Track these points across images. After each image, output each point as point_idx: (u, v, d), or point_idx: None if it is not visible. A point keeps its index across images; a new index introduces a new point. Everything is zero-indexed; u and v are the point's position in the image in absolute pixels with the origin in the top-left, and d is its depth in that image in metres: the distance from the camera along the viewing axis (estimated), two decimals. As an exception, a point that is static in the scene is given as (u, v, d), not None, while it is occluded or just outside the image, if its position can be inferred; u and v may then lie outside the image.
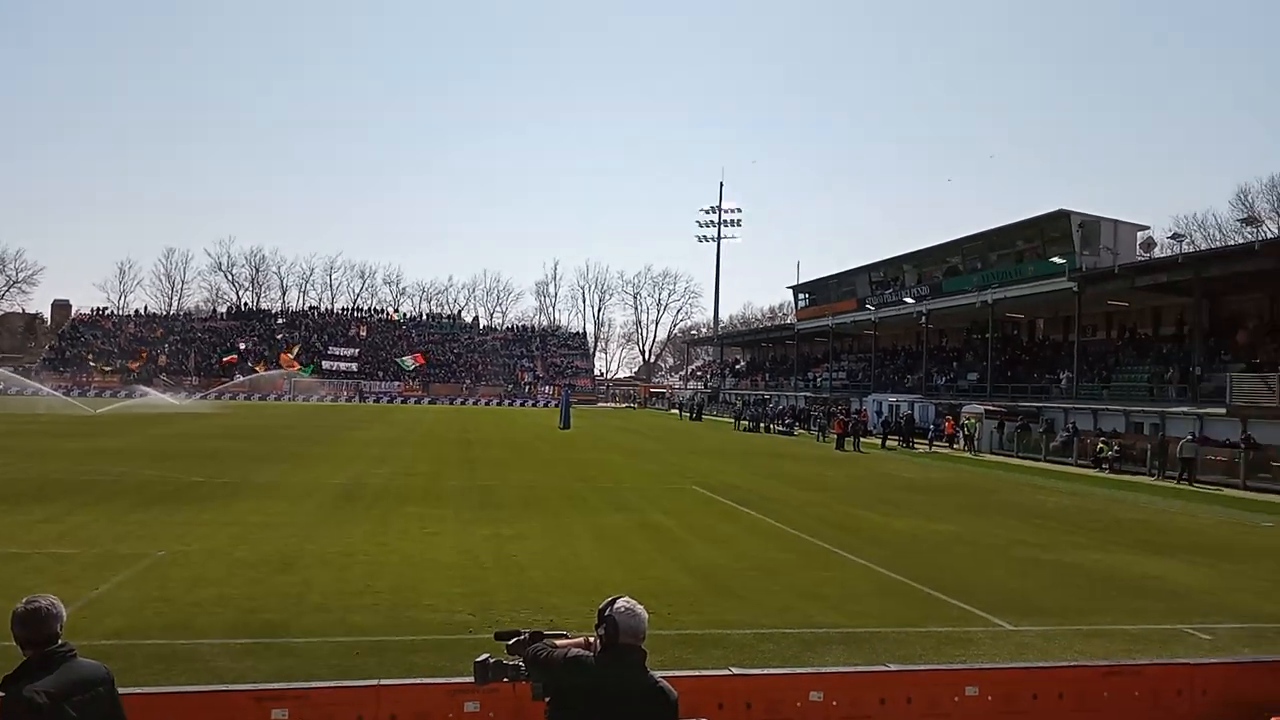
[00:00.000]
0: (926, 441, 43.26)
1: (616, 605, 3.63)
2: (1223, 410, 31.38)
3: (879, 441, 43.94)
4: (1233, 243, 48.94)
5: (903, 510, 19.63)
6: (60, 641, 3.56)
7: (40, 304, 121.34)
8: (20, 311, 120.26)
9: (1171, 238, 46.50)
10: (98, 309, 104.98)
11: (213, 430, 38.30)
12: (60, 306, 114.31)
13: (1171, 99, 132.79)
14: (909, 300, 56.54)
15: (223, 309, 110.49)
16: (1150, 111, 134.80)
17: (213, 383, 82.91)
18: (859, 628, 9.55)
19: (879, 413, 49.95)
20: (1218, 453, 29.51)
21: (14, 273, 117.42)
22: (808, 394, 66.29)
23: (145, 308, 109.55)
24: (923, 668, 7.02)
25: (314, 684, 6.08)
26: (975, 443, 40.27)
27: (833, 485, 24.49)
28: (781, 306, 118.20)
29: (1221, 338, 38.49)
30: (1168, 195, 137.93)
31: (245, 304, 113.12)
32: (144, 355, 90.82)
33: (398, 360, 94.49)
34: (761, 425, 55.19)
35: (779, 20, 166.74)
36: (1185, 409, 33.67)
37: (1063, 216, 43.90)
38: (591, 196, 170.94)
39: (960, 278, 52.58)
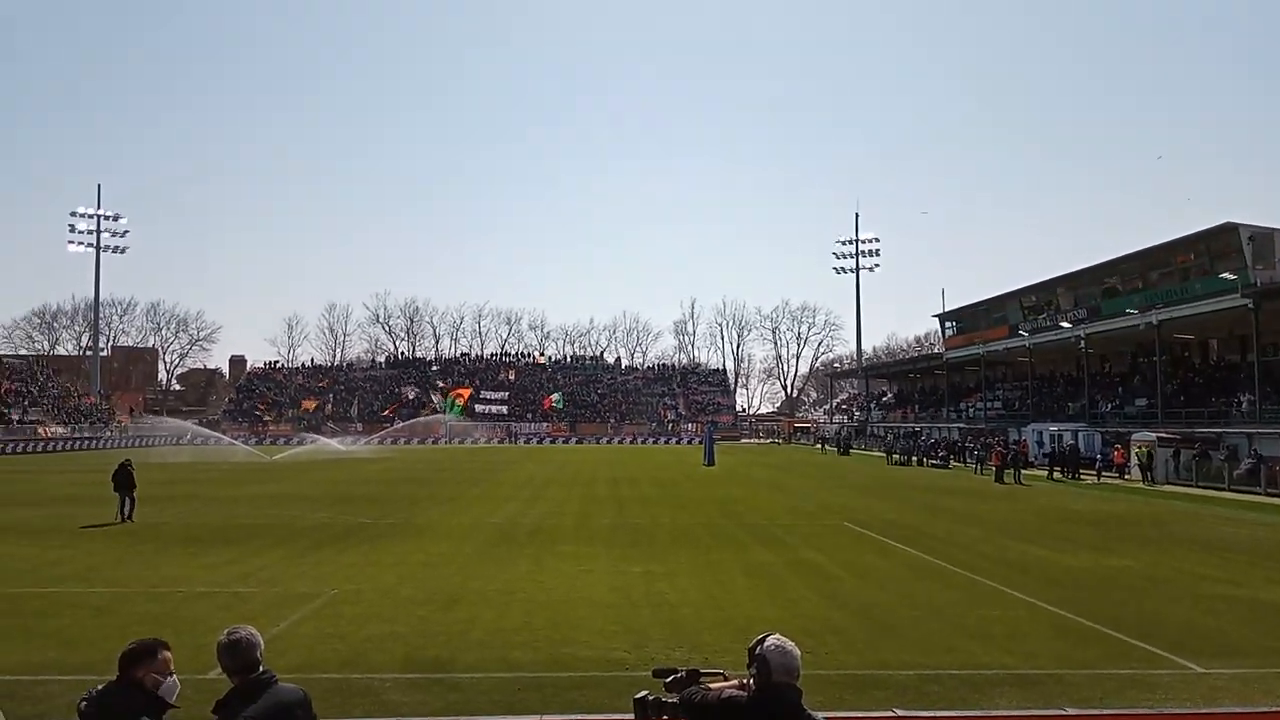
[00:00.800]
0: (1094, 472, 40.79)
1: (767, 643, 3.57)
2: None
3: (1043, 473, 41.73)
4: None
5: (1073, 545, 18.54)
6: (262, 668, 3.86)
7: (219, 360, 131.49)
8: (202, 368, 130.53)
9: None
10: (270, 363, 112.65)
11: (377, 474, 40.22)
12: (237, 362, 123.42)
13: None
14: (1065, 325, 53.81)
15: (381, 358, 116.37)
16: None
17: (375, 428, 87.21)
18: (1031, 669, 9.06)
19: (1040, 443, 47.50)
20: None
21: (195, 332, 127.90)
22: (961, 425, 63.80)
23: (312, 360, 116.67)
24: (1106, 712, 6.61)
25: (480, 718, 6.28)
26: (1150, 472, 37.69)
27: (994, 520, 23.40)
28: (928, 335, 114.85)
29: None
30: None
31: (402, 353, 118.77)
32: (312, 405, 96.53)
33: (553, 401, 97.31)
34: (914, 459, 53.46)
35: (911, 40, 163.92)
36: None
37: (1230, 230, 40.99)
38: (726, 233, 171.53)
39: (1120, 299, 49.74)
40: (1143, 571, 15.32)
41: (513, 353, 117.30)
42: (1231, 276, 40.04)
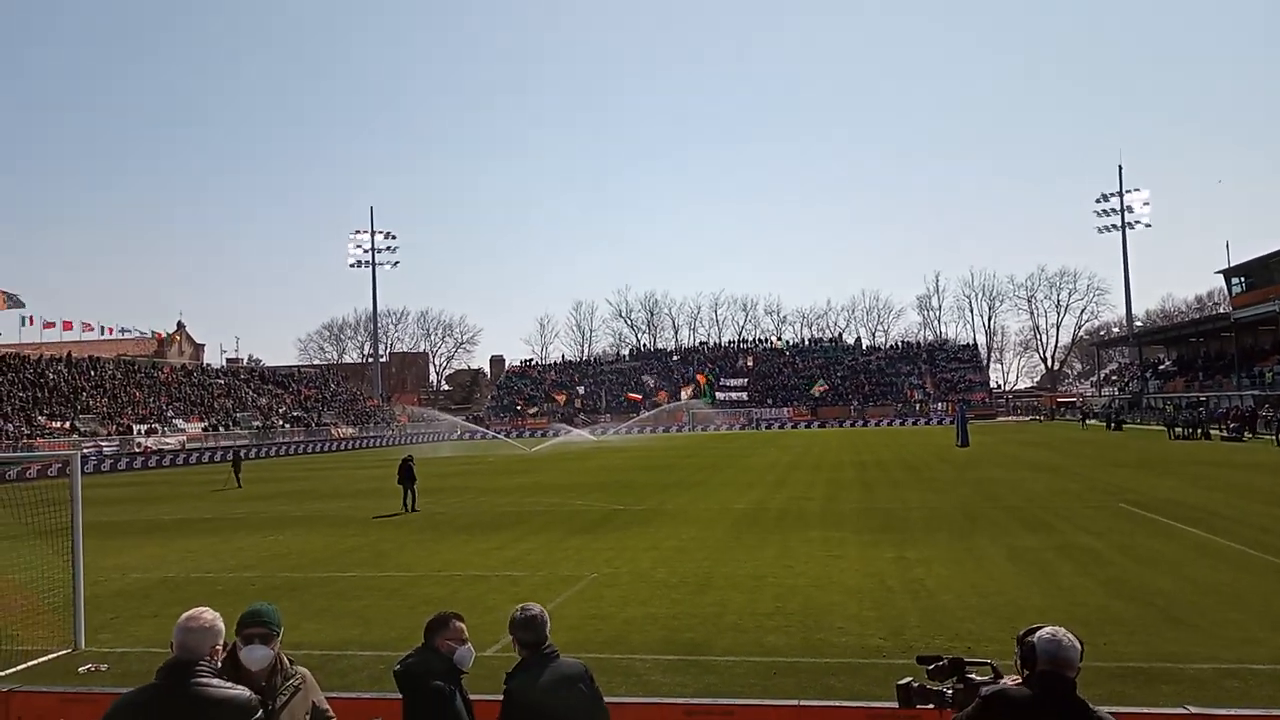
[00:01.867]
0: None
1: (1039, 633, 3.46)
2: None
3: (1361, 444, 36.41)
4: None
5: (1405, 526, 16.07)
6: (548, 643, 4.28)
7: (481, 360, 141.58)
8: (467, 368, 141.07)
9: None
10: (525, 361, 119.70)
11: (626, 463, 41.74)
12: (496, 361, 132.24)
13: None
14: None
15: (625, 351, 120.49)
16: None
17: (622, 418, 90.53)
18: (1355, 667, 7.98)
19: (1358, 409, 41.45)
20: None
21: (460, 336, 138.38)
22: (1256, 392, 56.86)
23: (563, 356, 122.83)
24: None
25: (738, 701, 6.40)
26: None
27: (1301, 498, 20.69)
28: (1211, 294, 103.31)
29: None
30: None
31: (644, 345, 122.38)
32: (563, 398, 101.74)
33: (808, 391, 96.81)
34: (1200, 431, 48.32)
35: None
36: None
37: None
38: (971, 199, 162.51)
39: None
40: None
41: (750, 339, 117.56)
42: None
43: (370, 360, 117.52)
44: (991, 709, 3.41)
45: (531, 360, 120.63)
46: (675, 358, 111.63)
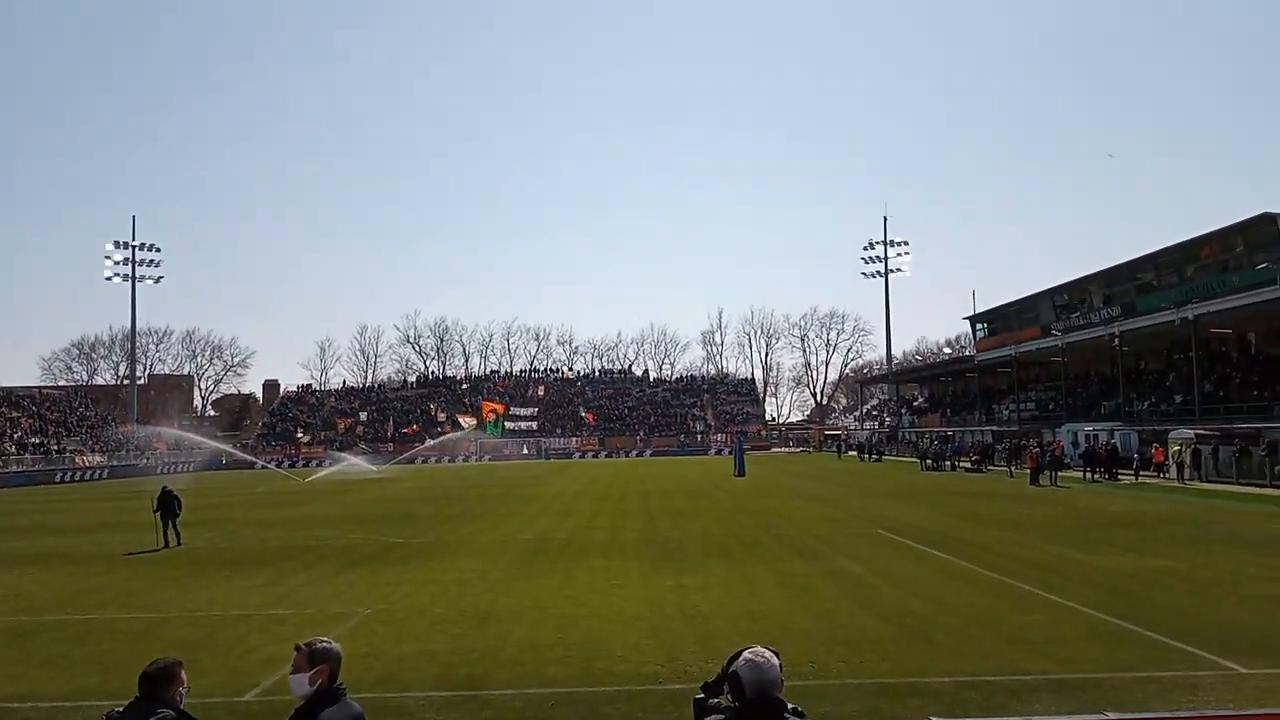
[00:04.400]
0: (1131, 472, 40.16)
1: (740, 659, 3.45)
2: None
3: (1079, 474, 41.14)
4: None
5: (1112, 547, 18.25)
6: (339, 681, 4.08)
7: (253, 384, 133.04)
8: (236, 393, 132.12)
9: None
10: (303, 386, 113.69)
11: (408, 493, 40.45)
12: (270, 386, 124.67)
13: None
14: (1098, 323, 53.13)
15: (412, 378, 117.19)
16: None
17: (407, 447, 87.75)
18: (1071, 674, 8.91)
19: (1075, 444, 46.87)
20: None
21: (229, 358, 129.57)
22: (994, 428, 63.13)
23: (344, 382, 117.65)
24: (1147, 716, 6.48)
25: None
26: (1185, 470, 37.06)
27: (1031, 523, 23.08)
28: (959, 338, 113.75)
29: None
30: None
31: (432, 373, 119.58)
32: (344, 426, 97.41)
33: (580, 412, 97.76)
34: (947, 463, 52.95)
35: (932, 42, 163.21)
36: None
37: (1268, 220, 40.33)
38: (752, 241, 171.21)
39: (1155, 294, 49.04)
40: (1184, 572, 15.05)
41: (542, 369, 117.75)
42: (1271, 267, 39.37)
43: (126, 382, 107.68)
44: None
45: (310, 386, 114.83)
46: (465, 386, 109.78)
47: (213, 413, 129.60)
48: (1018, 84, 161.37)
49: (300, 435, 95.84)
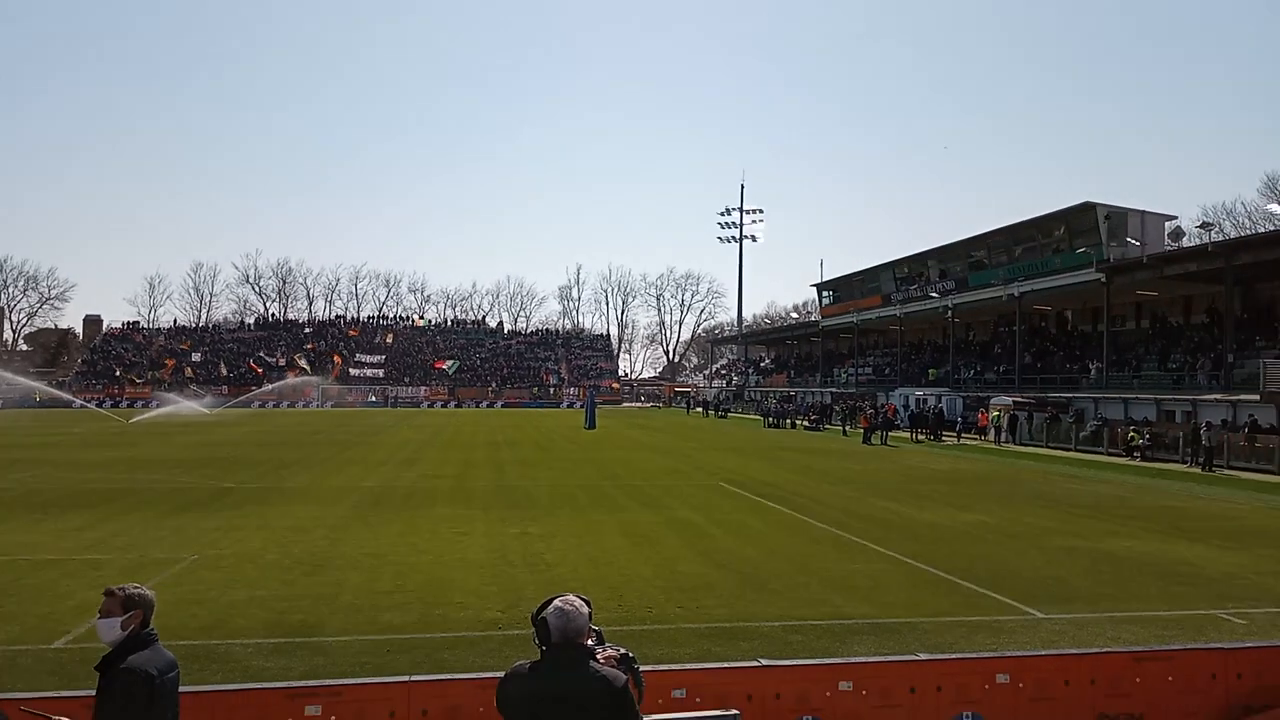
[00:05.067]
0: (955, 434, 42.92)
1: (549, 606, 3.50)
2: (1256, 397, 30.91)
3: (907, 435, 43.61)
4: (1263, 230, 47.93)
5: (932, 502, 19.49)
6: (151, 626, 3.93)
7: (73, 320, 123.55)
8: (54, 327, 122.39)
9: (1200, 226, 45.86)
10: (129, 323, 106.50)
11: (244, 438, 38.72)
12: (92, 322, 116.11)
13: (1194, 89, 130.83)
14: (934, 295, 56.13)
15: (251, 320, 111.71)
16: (1173, 101, 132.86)
17: (242, 391, 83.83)
18: (889, 619, 9.50)
19: (906, 407, 49.62)
20: (1254, 439, 29.04)
21: (46, 290, 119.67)
22: (834, 390, 66.01)
23: (175, 321, 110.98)
24: (953, 656, 6.98)
25: (346, 681, 6.15)
26: (1001, 434, 39.92)
27: (861, 479, 24.35)
28: (806, 304, 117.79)
29: (1255, 325, 37.91)
30: (1194, 186, 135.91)
31: (273, 315, 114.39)
32: (170, 365, 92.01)
33: (444, 366, 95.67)
34: (788, 421, 55.01)
35: (795, 21, 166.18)
36: (1218, 396, 33.22)
37: (1089, 209, 43.33)
38: (613, 200, 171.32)
39: (986, 271, 52.09)
40: (995, 526, 16.24)
41: (391, 316, 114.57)
42: (1088, 251, 42.48)
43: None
44: (506, 688, 3.51)
45: (137, 323, 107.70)
46: (308, 330, 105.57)
47: (26, 347, 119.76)
48: (868, 68, 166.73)
49: (124, 374, 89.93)
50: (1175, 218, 45.07)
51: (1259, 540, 15.10)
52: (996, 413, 41.21)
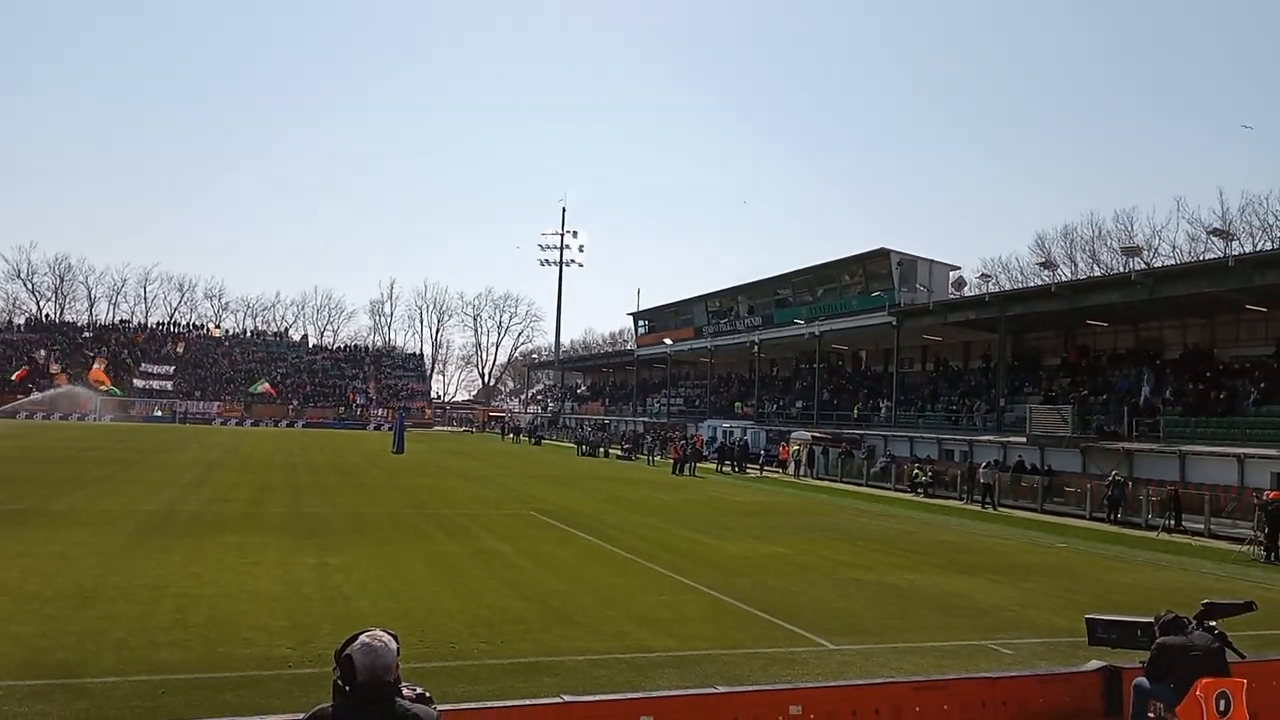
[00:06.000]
0: (758, 466, 44.65)
1: (354, 642, 3.36)
2: (1023, 439, 33.97)
3: (714, 467, 44.98)
4: (1032, 284, 53.10)
5: (735, 534, 20.16)
6: None
7: None
8: None
9: (980, 278, 50.16)
10: None
11: (4, 452, 34.96)
12: None
13: (983, 151, 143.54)
14: (743, 330, 58.45)
15: (20, 320, 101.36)
16: (965, 158, 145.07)
17: (5, 399, 75.79)
18: (691, 651, 9.70)
19: (714, 438, 51.23)
20: (1019, 479, 31.87)
21: None
22: (646, 419, 67.24)
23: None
24: (749, 689, 7.20)
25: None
26: (801, 468, 41.92)
27: (669, 509, 24.87)
28: (622, 333, 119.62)
29: (1024, 372, 41.73)
30: (976, 240, 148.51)
31: (47, 315, 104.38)
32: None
33: (250, 388, 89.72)
34: (601, 450, 55.50)
35: (610, 48, 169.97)
36: (990, 437, 36.25)
37: (883, 254, 46.57)
38: (430, 214, 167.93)
39: (791, 309, 54.83)
40: (792, 558, 16.98)
41: (184, 323, 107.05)
42: (881, 295, 45.57)
43: None
44: None
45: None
46: (88, 334, 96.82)
47: None
48: (680, 98, 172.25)
49: None
50: (959, 268, 49.21)
51: (1025, 574, 16.54)
52: (796, 447, 43.26)
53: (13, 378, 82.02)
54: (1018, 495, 31.08)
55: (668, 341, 67.45)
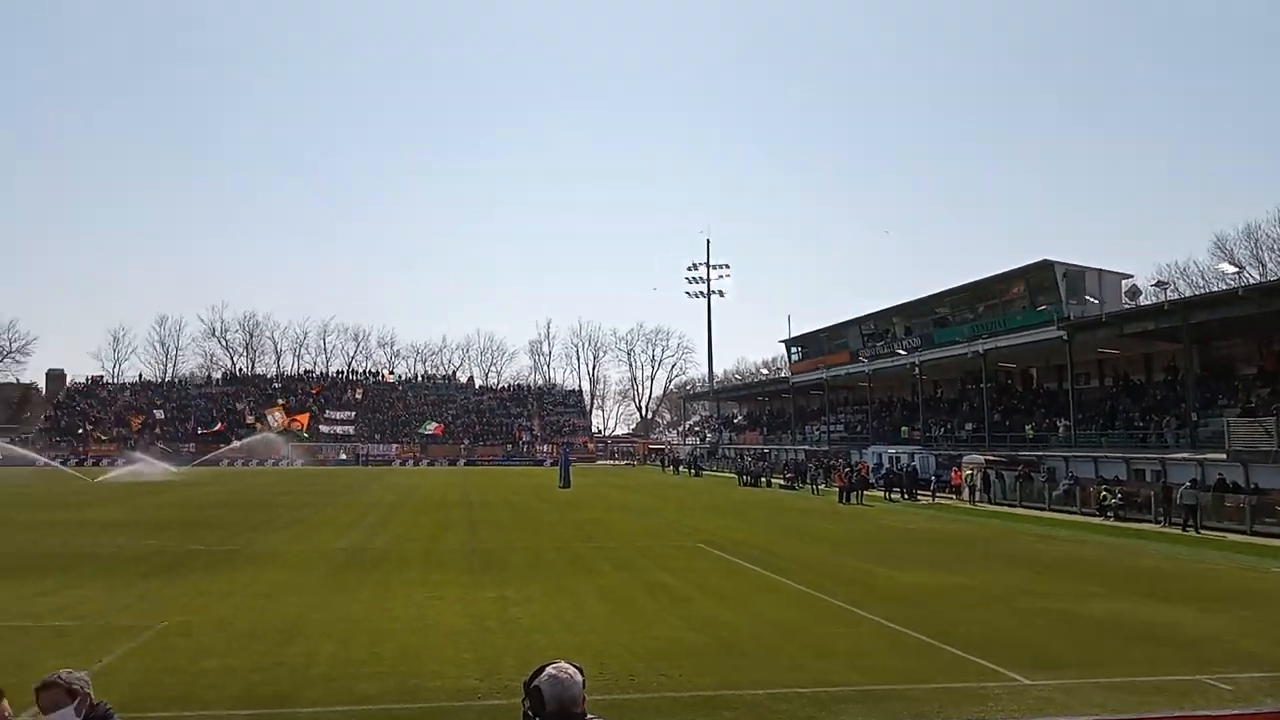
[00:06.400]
0: (929, 493, 43.04)
1: (542, 674, 3.42)
2: (1223, 456, 31.32)
3: (881, 494, 43.68)
4: (1215, 289, 49.18)
5: (911, 563, 19.46)
6: (95, 701, 3.96)
7: (35, 374, 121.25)
8: (15, 382, 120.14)
9: (1156, 285, 46.68)
10: (93, 378, 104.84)
11: (211, 498, 38.01)
12: (55, 376, 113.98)
13: (1149, 149, 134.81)
14: (901, 352, 56.71)
15: (218, 375, 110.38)
16: (1128, 161, 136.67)
17: (209, 448, 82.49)
18: (874, 685, 9.41)
19: (879, 465, 49.78)
20: (1223, 498, 29.35)
21: (7, 343, 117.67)
22: (807, 447, 66.13)
23: (140, 375, 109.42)
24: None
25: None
26: (975, 493, 40.10)
27: (838, 539, 24.29)
28: (775, 360, 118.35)
29: (1215, 383, 38.59)
30: (1146, 245, 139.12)
31: (240, 369, 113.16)
32: (137, 422, 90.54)
33: (421, 425, 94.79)
34: (763, 480, 54.93)
35: (754, 76, 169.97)
36: (1185, 455, 33.62)
37: (1046, 266, 44.21)
38: (581, 256, 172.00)
39: (950, 328, 52.79)
40: (974, 587, 16.22)
41: (360, 370, 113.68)
42: (1048, 308, 43.27)
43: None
44: None
45: (101, 378, 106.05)
46: (276, 385, 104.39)
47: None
48: (842, 117, 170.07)
49: (90, 431, 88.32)
50: (1131, 276, 46.11)
51: (1239, 602, 15.17)
52: (969, 471, 41.43)
53: (215, 428, 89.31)
54: (1222, 516, 28.58)
55: (823, 367, 66.34)
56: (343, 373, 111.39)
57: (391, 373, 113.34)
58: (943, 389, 60.87)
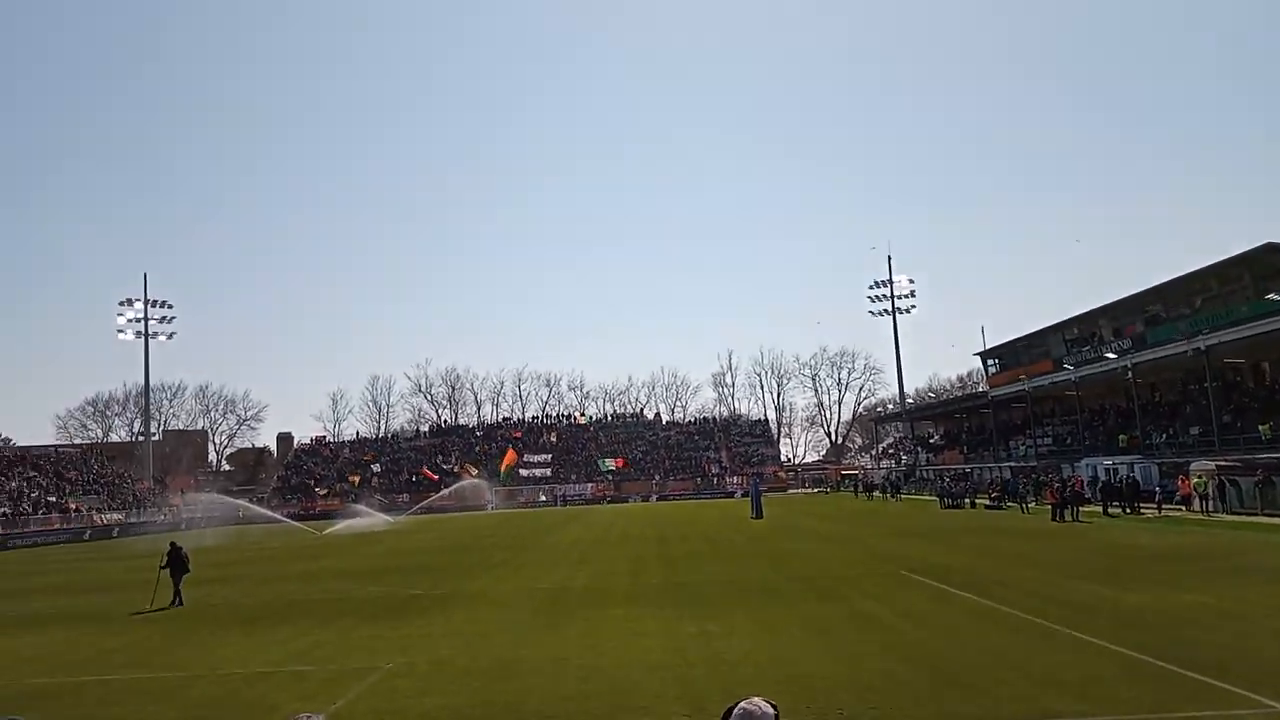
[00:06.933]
0: (1154, 505, 39.68)
1: (735, 709, 3.46)
2: None
3: (1099, 509, 40.67)
4: None
5: (1138, 582, 17.96)
6: None
7: (267, 437, 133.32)
8: (250, 446, 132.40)
9: None
10: (316, 438, 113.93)
11: (425, 544, 40.28)
12: (284, 438, 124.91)
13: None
14: (1111, 355, 52.90)
15: (425, 428, 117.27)
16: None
17: (421, 497, 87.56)
18: (1110, 716, 8.74)
19: (1095, 478, 46.40)
20: None
21: (243, 412, 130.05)
22: (1012, 464, 62.62)
23: (357, 433, 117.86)
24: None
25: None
26: (1208, 503, 36.60)
27: (1054, 560, 22.77)
28: (970, 374, 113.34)
29: None
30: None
31: (445, 421, 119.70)
32: (356, 479, 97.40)
33: (599, 461, 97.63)
34: (966, 501, 52.43)
35: (933, 85, 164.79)
36: None
37: (1273, 250, 40.19)
38: (757, 284, 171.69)
39: (1165, 326, 48.84)
40: (1214, 606, 14.79)
41: (554, 414, 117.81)
42: (1278, 296, 39.23)
43: (141, 439, 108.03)
44: None
45: (323, 437, 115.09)
46: (478, 434, 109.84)
47: (228, 467, 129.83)
48: (1017, 117, 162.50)
49: (315, 488, 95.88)
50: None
51: None
52: (1200, 479, 37.91)
53: (424, 475, 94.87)
54: None
55: (1023, 378, 62.79)
56: (537, 418, 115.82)
57: (583, 414, 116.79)
58: (1160, 392, 56.26)
